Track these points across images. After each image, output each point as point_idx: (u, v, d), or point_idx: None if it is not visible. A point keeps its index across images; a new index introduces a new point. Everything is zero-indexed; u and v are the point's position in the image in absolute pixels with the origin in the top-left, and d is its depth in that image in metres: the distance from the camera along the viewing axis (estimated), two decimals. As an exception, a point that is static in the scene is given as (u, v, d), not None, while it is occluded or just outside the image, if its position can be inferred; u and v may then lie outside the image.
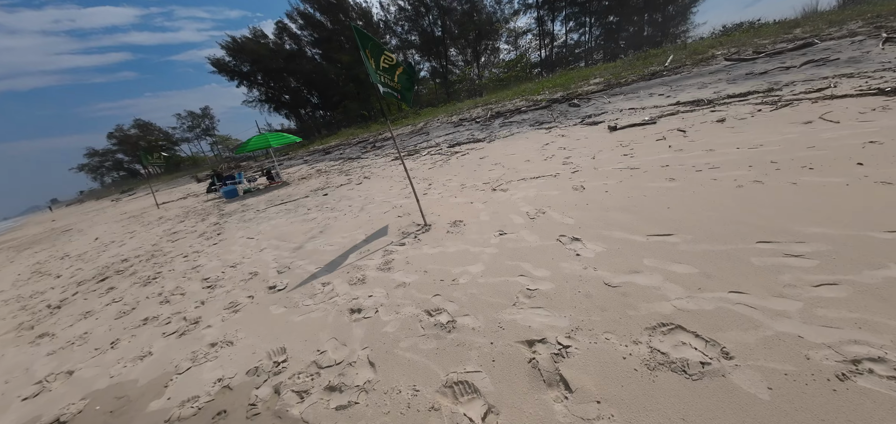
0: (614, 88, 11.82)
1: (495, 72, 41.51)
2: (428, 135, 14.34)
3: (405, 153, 11.92)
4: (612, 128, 7.36)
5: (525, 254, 3.02)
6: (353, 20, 38.50)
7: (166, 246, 7.02)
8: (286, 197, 9.45)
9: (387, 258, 3.66)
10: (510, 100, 15.64)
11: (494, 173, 6.20)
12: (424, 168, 8.50)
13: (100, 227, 14.11)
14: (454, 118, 16.19)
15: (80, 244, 10.69)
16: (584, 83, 14.18)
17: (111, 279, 5.71)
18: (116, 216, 17.76)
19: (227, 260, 5.07)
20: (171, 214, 12.23)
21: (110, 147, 72.14)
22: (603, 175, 4.65)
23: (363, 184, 8.45)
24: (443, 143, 11.61)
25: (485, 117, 13.71)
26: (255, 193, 12.14)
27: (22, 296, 6.10)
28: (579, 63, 42.27)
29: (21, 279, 7.64)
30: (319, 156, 19.68)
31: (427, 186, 6.52)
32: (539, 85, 17.79)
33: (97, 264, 7.09)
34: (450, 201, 5.18)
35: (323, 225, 5.56)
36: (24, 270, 8.55)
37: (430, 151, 10.80)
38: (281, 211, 7.64)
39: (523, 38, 44.04)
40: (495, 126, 11.84)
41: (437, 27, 40.26)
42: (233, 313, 3.41)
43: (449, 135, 12.78)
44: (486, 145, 9.42)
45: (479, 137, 10.85)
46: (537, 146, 7.60)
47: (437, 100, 41.45)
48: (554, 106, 11.83)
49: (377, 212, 5.57)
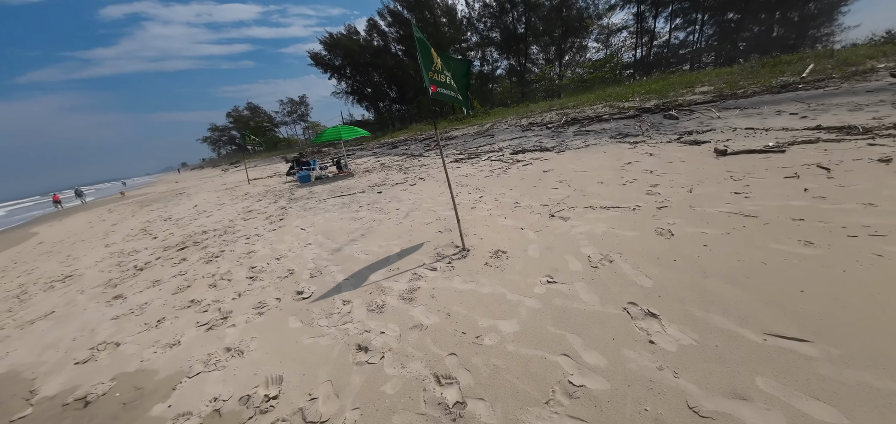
0: (727, 100, 9.74)
1: (579, 71, 38.60)
2: (492, 137, 13.67)
3: (465, 155, 11.47)
4: (720, 151, 5.91)
5: (576, 321, 2.32)
6: (437, 17, 39.06)
7: (238, 224, 7.65)
8: (347, 189, 9.73)
9: (413, 284, 3.24)
10: (591, 104, 14.09)
11: (557, 193, 5.38)
12: (480, 175, 7.94)
13: (202, 195, 16.48)
14: (524, 121, 15.21)
15: (182, 208, 12.50)
16: (687, 91, 12.04)
17: (188, 249, 6.35)
18: (218, 186, 20.69)
19: (276, 250, 5.21)
20: (256, 191, 13.65)
21: (227, 124, 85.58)
22: (702, 218, 3.59)
23: (417, 185, 8.22)
24: (506, 149, 10.87)
25: (558, 122, 12.53)
26: (325, 181, 12.89)
27: (124, 252, 7.17)
28: (682, 66, 37.07)
29: (131, 234, 9.11)
30: (387, 149, 20.33)
31: (478, 198, 5.97)
32: (629, 89, 15.74)
33: (186, 231, 8.05)
34: (498, 222, 4.56)
35: (366, 228, 5.40)
36: (136, 226, 10.24)
37: (491, 157, 10.16)
38: (337, 204, 7.81)
39: (617, 36, 40.05)
40: (568, 134, 10.69)
41: (520, 24, 38.78)
42: (258, 315, 3.34)
43: (514, 140, 11.96)
44: (554, 156, 8.46)
45: (547, 145, 9.87)
46: (615, 164, 6.48)
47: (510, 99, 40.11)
48: (644, 116, 10.21)
49: (420, 221, 5.22)
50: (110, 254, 7.23)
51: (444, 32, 39.38)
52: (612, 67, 34.41)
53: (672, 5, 38.05)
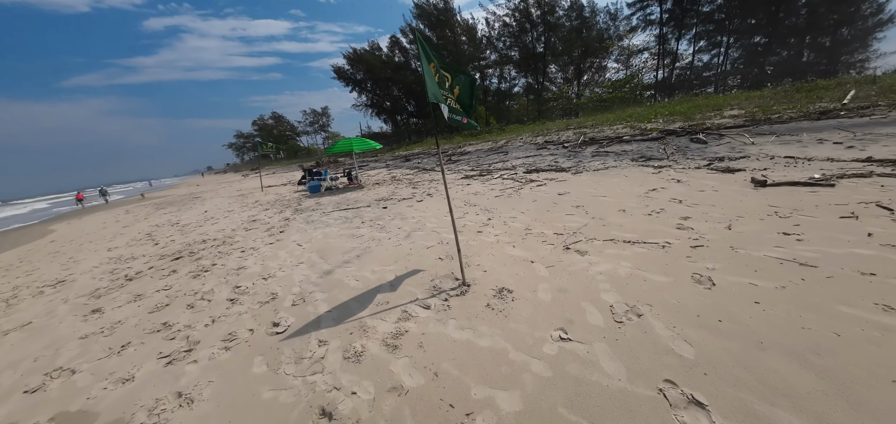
0: (761, 125, 9.04)
1: (598, 91, 38.04)
2: (506, 155, 13.23)
3: (477, 171, 11.04)
4: (758, 182, 5.28)
5: (596, 404, 1.81)
6: (458, 36, 39.39)
7: (238, 235, 7.39)
8: (353, 202, 9.42)
9: (401, 325, 2.78)
10: (611, 125, 13.53)
11: (573, 220, 4.85)
12: (490, 195, 7.47)
13: (215, 201, 16.56)
14: (539, 138, 14.73)
15: (193, 214, 12.46)
16: (715, 114, 11.35)
17: (182, 260, 6.09)
18: (233, 192, 20.89)
19: (266, 268, 4.85)
20: (266, 199, 13.55)
21: (252, 132, 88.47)
22: (748, 265, 3.01)
23: (424, 202, 7.82)
24: (519, 167, 10.39)
25: (575, 142, 12.00)
26: (334, 192, 12.68)
27: (122, 258, 6.98)
28: (707, 88, 36.04)
29: (136, 239, 9.00)
30: (400, 162, 20.15)
31: (485, 220, 5.49)
32: (651, 110, 15.10)
33: (187, 239, 7.85)
34: (505, 251, 4.07)
35: (363, 248, 4.99)
36: (143, 230, 10.18)
37: (504, 175, 9.70)
38: (339, 218, 7.47)
39: (638, 57, 39.41)
40: (586, 155, 10.15)
41: (539, 43, 38.70)
42: (224, 349, 2.94)
43: (529, 158, 11.48)
44: (570, 177, 7.93)
45: (563, 165, 9.35)
46: (639, 190, 5.92)
47: (527, 116, 39.77)
48: (668, 139, 9.59)
49: (421, 243, 4.77)
50: (109, 260, 7.06)
51: (464, 50, 39.69)
52: (632, 88, 33.73)
53: (696, 28, 37.32)
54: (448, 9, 39.38)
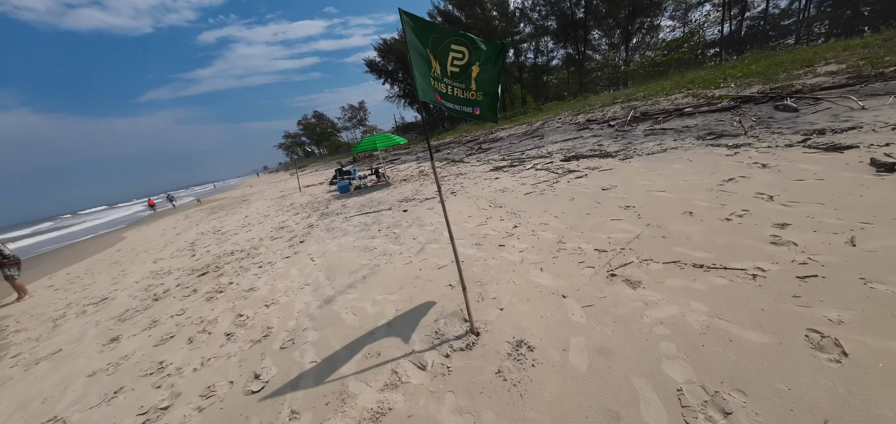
0: (872, 82, 7.04)
1: (650, 55, 34.18)
2: (541, 139, 12.01)
3: (508, 161, 10.06)
4: (884, 166, 3.87)
5: None
6: (488, 12, 37.34)
7: (263, 247, 7.32)
8: (377, 203, 9.03)
9: (385, 397, 2.18)
10: (667, 94, 11.67)
11: (620, 229, 3.88)
12: (520, 191, 6.56)
13: (258, 204, 17.29)
14: (580, 117, 13.23)
15: (234, 220, 12.98)
16: (806, 72, 9.20)
17: (206, 276, 6.09)
18: (275, 194, 21.81)
19: (274, 290, 4.54)
20: (300, 202, 13.76)
21: (298, 131, 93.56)
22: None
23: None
24: (556, 154, 9.25)
25: (624, 118, 10.49)
26: (362, 190, 12.49)
27: (160, 272, 7.23)
28: (786, 40, 30.82)
29: (180, 248, 9.43)
30: (432, 151, 19.56)
31: (511, 228, 4.66)
32: (719, 72, 12.82)
33: (220, 250, 7.98)
34: (530, 276, 3.27)
35: (372, 266, 4.47)
36: (189, 239, 10.70)
37: (537, 164, 8.66)
38: (358, 225, 7.07)
39: (698, 10, 34.52)
40: (637, 134, 8.73)
41: (579, 8, 35.41)
42: (197, 411, 2.57)
43: (567, 142, 10.24)
44: (617, 165, 6.74)
45: (608, 149, 8.09)
46: (709, 181, 4.71)
47: (567, 90, 37.01)
48: (744, 108, 7.88)
49: (434, 260, 4.13)
50: (150, 274, 7.37)
51: (496, 26, 37.60)
52: (692, 47, 29.70)
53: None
54: None
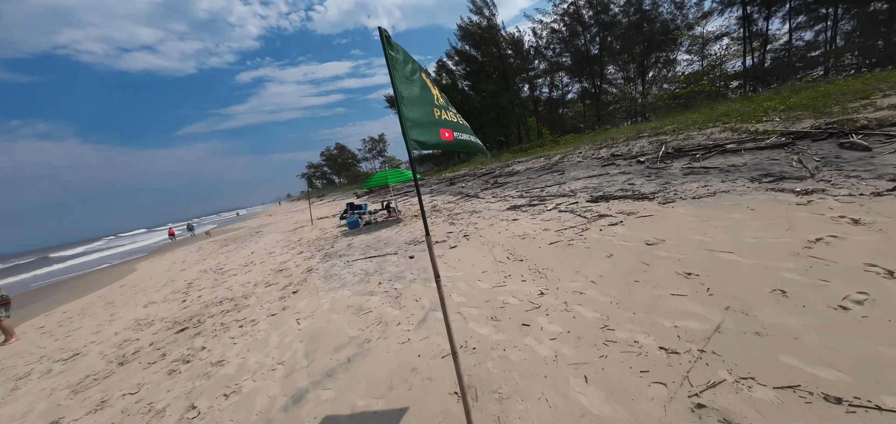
0: (962, 113, 5.97)
1: (668, 87, 33.50)
2: (562, 174, 11.17)
3: (526, 199, 9.20)
4: None
5: None
6: (503, 50, 37.85)
7: (254, 296, 6.62)
8: (383, 244, 8.28)
9: None
10: (699, 127, 10.75)
11: (688, 309, 2.93)
12: (543, 240, 5.65)
13: (269, 237, 16.88)
14: (603, 151, 12.38)
15: (239, 257, 12.46)
16: (862, 104, 8.18)
17: (184, 333, 5.38)
18: (289, 225, 21.52)
19: (241, 369, 3.73)
20: (308, 238, 13.20)
21: (321, 162, 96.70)
22: None
23: (458, 248, 6.29)
24: (580, 193, 8.35)
25: (654, 154, 9.58)
26: (372, 226, 11.86)
27: (143, 321, 6.58)
28: (813, 71, 29.64)
29: (176, 289, 8.84)
30: (444, 185, 18.98)
31: (537, 295, 3.73)
32: (756, 104, 11.84)
33: (210, 297, 7.32)
34: (570, 394, 2.31)
35: (362, 342, 3.60)
36: (189, 278, 10.15)
37: (560, 204, 7.77)
38: (360, 272, 6.28)
39: (716, 44, 33.91)
40: (674, 173, 7.78)
41: (594, 45, 35.48)
42: None
43: (592, 179, 9.35)
44: (659, 210, 5.80)
45: (643, 191, 7.16)
46: (788, 239, 3.73)
47: (584, 123, 36.42)
48: (800, 145, 6.88)
49: (437, 342, 3.24)
50: (134, 322, 6.74)
51: (511, 63, 37.92)
52: (712, 80, 28.85)
53: (790, 2, 31.07)
54: (492, 26, 38.10)
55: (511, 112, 37.62)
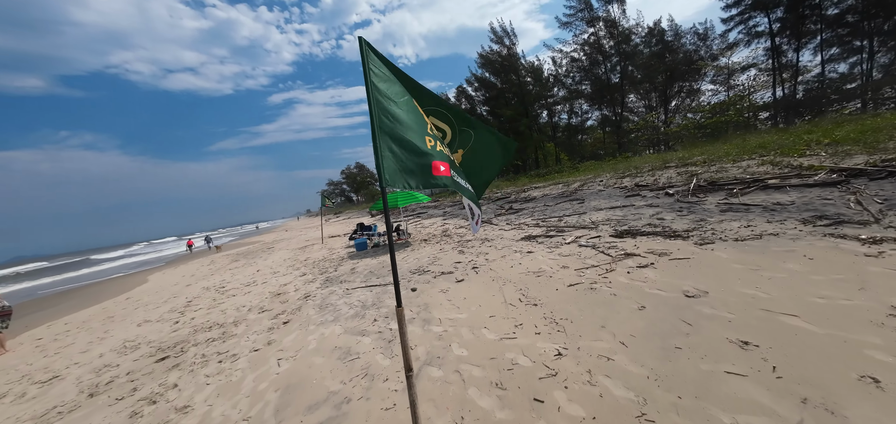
0: None
1: (692, 117, 32.52)
2: (582, 203, 10.50)
3: (542, 228, 8.55)
4: None
5: None
6: (522, 77, 37.97)
7: (245, 323, 6.21)
8: (386, 272, 7.78)
9: None
10: (733, 159, 9.96)
11: (753, 400, 2.27)
12: (561, 280, 5.01)
13: (278, 255, 16.71)
14: (626, 180, 11.67)
15: (245, 274, 12.22)
16: (924, 138, 7.28)
17: (163, 363, 4.98)
18: (300, 242, 21.42)
19: (204, 420, 3.23)
20: (315, 257, 12.88)
21: (341, 179, 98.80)
22: None
23: (466, 281, 5.71)
24: (603, 225, 7.67)
25: (685, 186, 8.84)
26: (381, 249, 11.45)
27: (128, 345, 6.23)
28: (849, 103, 28.17)
29: (174, 308, 8.56)
30: (458, 208, 18.50)
31: (551, 356, 3.08)
32: (796, 136, 10.97)
33: (203, 320, 6.97)
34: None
35: (340, 403, 3.04)
36: (191, 295, 9.90)
37: (580, 237, 7.10)
38: (356, 304, 5.78)
39: (742, 74, 32.85)
40: (710, 209, 7.04)
41: (614, 74, 35.08)
42: None
43: (615, 211, 8.65)
44: (696, 252, 5.09)
45: (674, 227, 6.45)
46: (863, 300, 3.01)
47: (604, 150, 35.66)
48: (856, 183, 6.07)
49: (431, 412, 2.65)
50: (121, 344, 6.42)
51: (530, 90, 37.88)
52: (740, 110, 27.75)
53: (821, 34, 29.95)
54: (512, 55, 38.45)
55: (529, 137, 37.24)
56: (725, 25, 32.36)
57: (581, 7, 34.17)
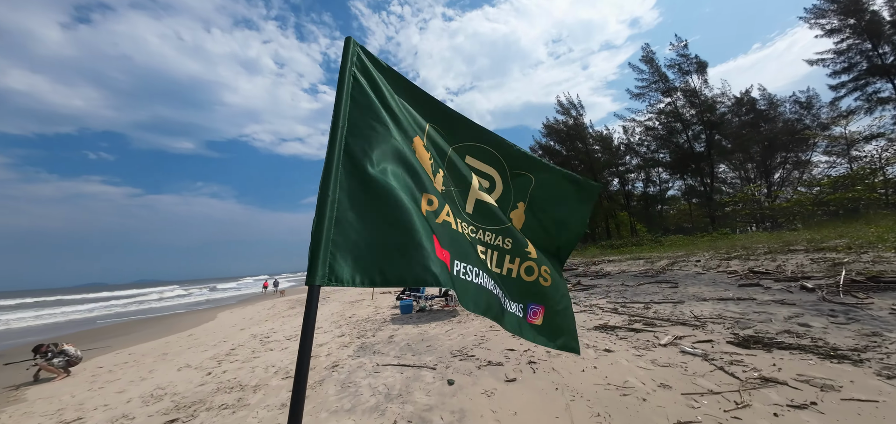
0: None
1: (804, 191, 27.28)
2: (674, 288, 8.42)
3: (624, 315, 6.74)
4: None
5: None
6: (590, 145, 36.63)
7: (263, 390, 5.57)
8: (427, 345, 6.71)
9: None
10: (895, 248, 7.26)
11: None
12: (660, 415, 3.41)
13: (328, 307, 16.64)
14: (734, 263, 9.27)
15: (293, 325, 12.09)
16: None
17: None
18: (353, 295, 21.43)
19: None
20: (361, 315, 12.35)
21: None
22: None
23: (515, 384, 4.34)
24: (712, 324, 5.70)
25: (828, 280, 6.49)
26: (426, 314, 10.48)
27: (157, 392, 5.95)
28: None
29: (214, 358, 8.40)
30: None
31: None
32: None
33: (229, 378, 6.55)
34: None
35: None
36: (238, 341, 9.83)
37: (680, 340, 5.27)
38: (382, 390, 4.75)
39: (867, 144, 27.02)
40: (883, 317, 4.82)
41: (699, 142, 31.74)
42: None
43: (727, 305, 6.56)
44: (884, 388, 3.17)
45: (830, 341, 4.40)
46: None
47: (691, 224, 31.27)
48: None
49: None
50: (151, 391, 6.18)
51: (599, 158, 36.05)
52: (869, 186, 22.36)
53: None
54: (579, 124, 37.66)
55: (598, 205, 34.75)
56: (834, 93, 27.83)
57: (654, 79, 32.66)
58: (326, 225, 0.94)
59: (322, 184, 0.98)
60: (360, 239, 0.98)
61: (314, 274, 0.98)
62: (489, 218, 1.58)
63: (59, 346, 7.79)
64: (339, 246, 0.97)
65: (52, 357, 7.41)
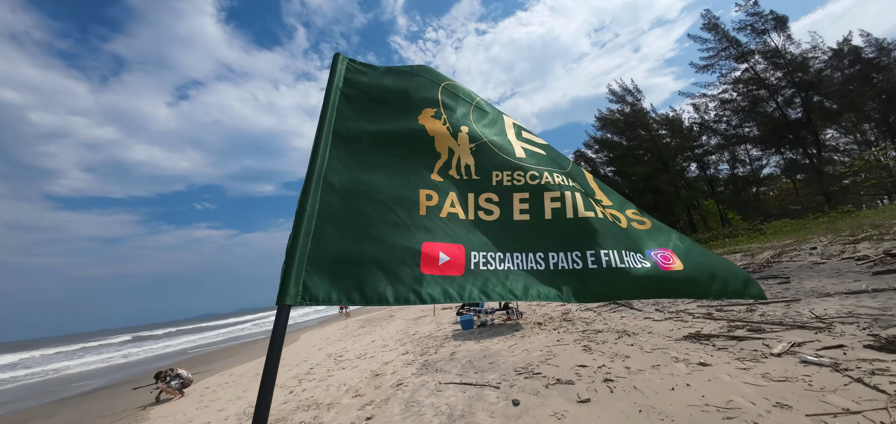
0: None
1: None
2: (785, 285, 7.01)
3: (721, 323, 5.72)
4: None
5: None
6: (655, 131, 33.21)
7: (335, 409, 5.81)
8: (490, 361, 6.45)
9: None
10: None
11: None
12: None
13: (396, 323, 17.21)
14: (862, 245, 7.45)
15: (362, 343, 12.67)
16: None
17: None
18: (416, 312, 21.88)
19: None
20: (424, 332, 12.48)
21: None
22: None
23: (590, 406, 3.87)
24: (842, 325, 4.55)
25: None
26: (487, 329, 10.19)
27: (248, 412, 6.56)
28: None
29: (293, 377, 9.11)
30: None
31: None
32: None
33: (307, 396, 7.01)
34: None
35: None
36: (315, 361, 10.56)
37: (798, 346, 4.27)
38: (444, 411, 4.63)
39: None
40: None
41: (793, 108, 26.84)
42: None
43: (861, 300, 5.23)
44: None
45: None
46: None
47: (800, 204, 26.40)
48: None
49: None
50: (244, 410, 6.89)
51: (667, 143, 32.36)
52: None
53: None
54: (638, 111, 34.34)
55: (674, 195, 31.09)
56: None
57: (723, 46, 28.52)
58: (302, 241, 0.89)
59: (301, 198, 0.94)
60: (339, 254, 0.91)
61: (285, 293, 0.92)
62: (547, 160, 1.25)
63: (174, 371, 9.10)
64: (315, 262, 0.91)
65: (170, 381, 8.66)
